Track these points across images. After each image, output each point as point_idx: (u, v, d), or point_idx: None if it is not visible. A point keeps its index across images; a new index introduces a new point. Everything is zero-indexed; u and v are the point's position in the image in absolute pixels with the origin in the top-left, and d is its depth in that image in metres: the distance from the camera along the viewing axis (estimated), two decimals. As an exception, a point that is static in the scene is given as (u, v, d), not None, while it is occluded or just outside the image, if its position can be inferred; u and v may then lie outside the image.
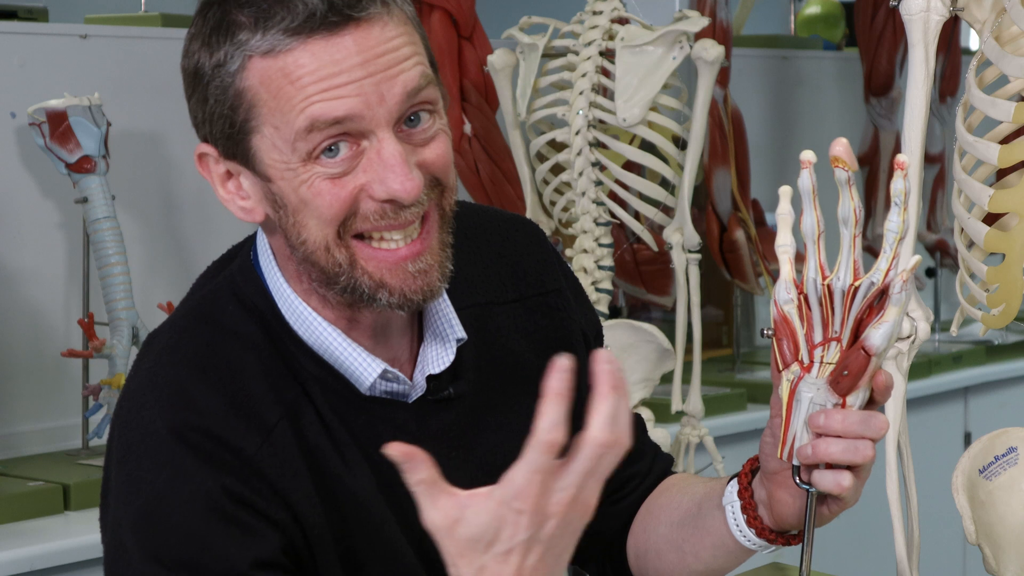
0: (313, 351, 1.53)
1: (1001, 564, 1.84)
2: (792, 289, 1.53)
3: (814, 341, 1.53)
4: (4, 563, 2.46)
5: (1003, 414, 4.20)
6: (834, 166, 1.49)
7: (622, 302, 3.73)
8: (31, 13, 3.09)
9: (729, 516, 1.66)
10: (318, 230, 1.47)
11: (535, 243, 1.73)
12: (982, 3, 1.97)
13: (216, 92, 1.47)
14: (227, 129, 1.48)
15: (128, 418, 1.51)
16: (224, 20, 1.46)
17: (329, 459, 1.51)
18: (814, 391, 1.52)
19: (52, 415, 3.01)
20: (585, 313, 1.75)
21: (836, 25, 4.85)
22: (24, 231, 2.98)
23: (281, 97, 1.44)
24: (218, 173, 1.52)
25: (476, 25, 3.23)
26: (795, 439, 1.53)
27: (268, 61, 1.44)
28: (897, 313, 1.49)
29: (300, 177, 1.46)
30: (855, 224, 1.51)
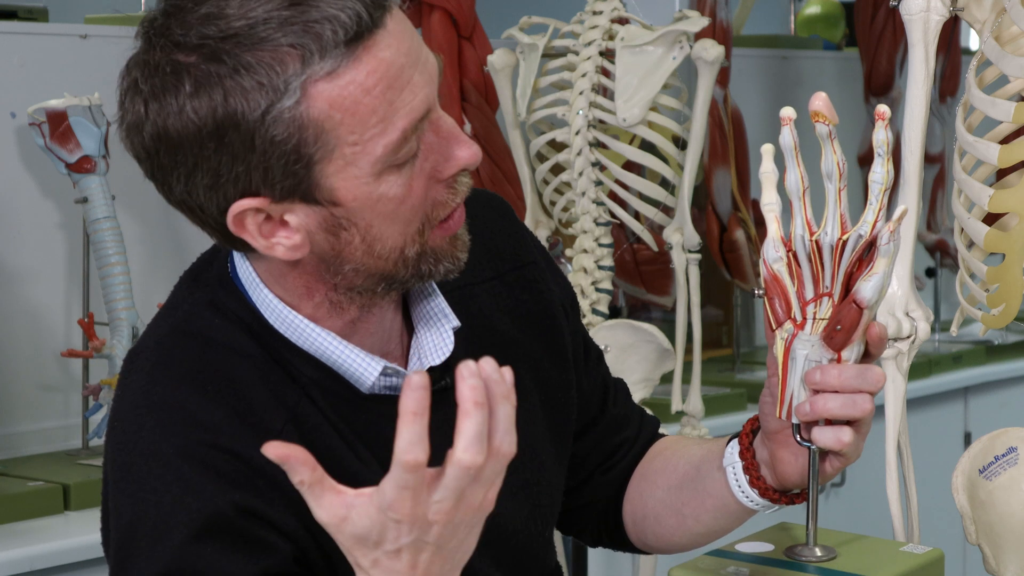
0: (309, 355, 1.51)
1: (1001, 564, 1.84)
2: (780, 247, 1.53)
3: (805, 298, 1.53)
4: (4, 563, 2.46)
5: (1003, 414, 4.20)
6: (814, 120, 1.50)
7: (622, 302, 3.73)
8: (31, 13, 3.09)
9: (731, 477, 1.65)
10: (398, 235, 1.45)
11: (504, 217, 1.72)
12: (982, 3, 1.97)
13: (272, 134, 1.38)
14: (291, 166, 1.40)
15: (125, 440, 1.48)
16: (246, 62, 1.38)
17: (343, 458, 1.50)
18: (809, 348, 1.52)
19: (52, 415, 3.01)
20: (559, 282, 1.74)
21: (836, 25, 4.85)
22: (24, 231, 2.98)
23: (360, 112, 1.39)
24: (256, 224, 1.44)
25: (476, 25, 3.23)
26: (792, 397, 1.53)
27: (333, 81, 1.38)
28: (886, 264, 1.48)
29: (378, 190, 1.42)
30: (839, 178, 1.51)
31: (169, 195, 1.47)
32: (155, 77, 1.41)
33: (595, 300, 2.94)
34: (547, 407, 1.67)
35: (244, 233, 1.44)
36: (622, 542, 1.82)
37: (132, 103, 1.43)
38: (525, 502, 1.63)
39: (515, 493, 1.61)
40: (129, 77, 1.44)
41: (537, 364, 1.66)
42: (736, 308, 3.93)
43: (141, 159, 1.46)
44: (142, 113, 1.42)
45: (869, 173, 1.50)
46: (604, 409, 1.79)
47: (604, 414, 1.79)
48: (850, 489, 3.73)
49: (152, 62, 1.41)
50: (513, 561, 1.63)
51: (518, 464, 1.57)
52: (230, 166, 1.41)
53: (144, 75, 1.42)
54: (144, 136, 1.43)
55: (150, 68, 1.41)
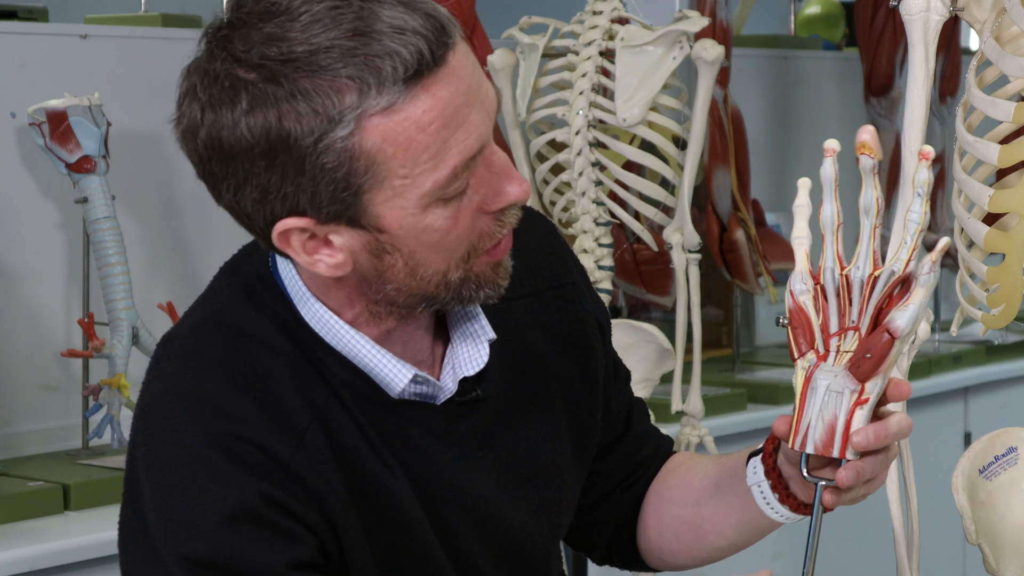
0: (341, 355, 1.52)
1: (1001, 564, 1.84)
2: (808, 279, 1.53)
3: (830, 331, 1.52)
4: (4, 563, 2.46)
5: (1003, 414, 4.20)
6: (859, 153, 1.49)
7: (622, 302, 3.73)
8: (31, 13, 3.09)
9: (758, 496, 1.65)
10: (441, 262, 1.46)
11: (547, 236, 1.72)
12: (982, 3, 1.97)
13: (323, 160, 1.40)
14: (339, 193, 1.41)
15: (153, 426, 1.49)
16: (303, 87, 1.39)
17: (366, 460, 1.51)
18: (831, 378, 1.50)
19: (52, 415, 3.01)
20: (596, 304, 1.75)
21: (836, 25, 4.85)
22: (24, 231, 2.98)
23: (414, 148, 1.40)
24: (300, 242, 1.46)
25: (476, 25, 3.23)
26: (809, 427, 1.52)
27: (389, 116, 1.39)
28: (924, 296, 1.48)
29: (424, 222, 1.43)
30: (876, 214, 1.50)
31: (219, 199, 1.48)
32: (213, 87, 1.41)
33: (595, 300, 2.94)
34: (573, 428, 1.66)
35: (288, 249, 1.46)
36: (632, 560, 1.83)
37: (189, 108, 1.44)
38: (546, 520, 1.64)
39: (537, 511, 1.62)
40: (188, 82, 1.44)
41: (567, 384, 1.66)
42: (736, 308, 3.93)
43: (194, 162, 1.47)
44: (198, 120, 1.43)
45: (907, 212, 1.49)
46: (628, 428, 1.79)
47: (628, 433, 1.79)
48: (850, 489, 3.72)
49: (212, 72, 1.42)
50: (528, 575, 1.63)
51: (541, 482, 1.58)
52: (279, 185, 1.42)
53: (203, 83, 1.42)
54: (198, 142, 1.44)
55: (210, 78, 1.42)
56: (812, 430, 1.51)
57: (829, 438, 1.51)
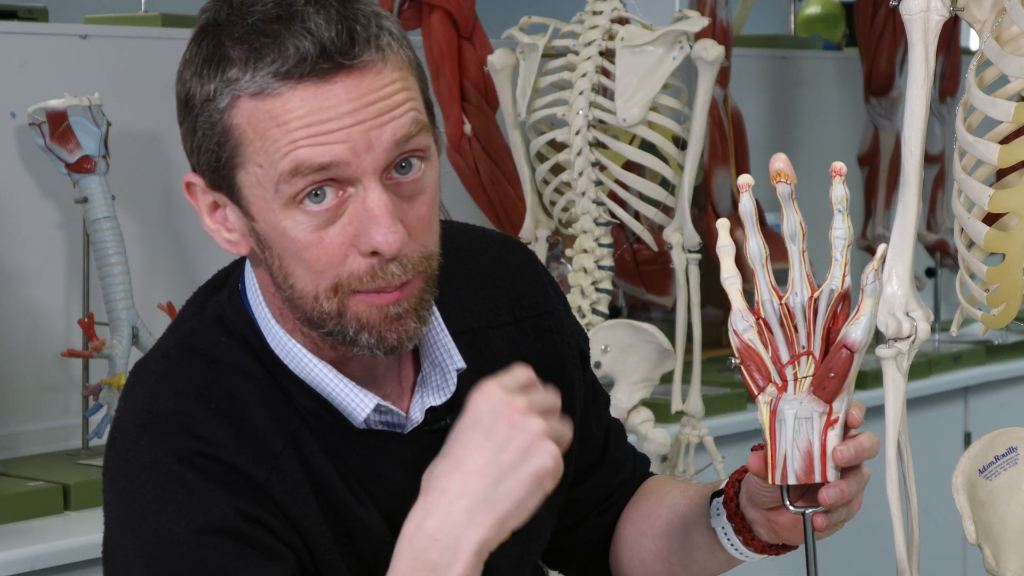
0: (306, 384, 1.51)
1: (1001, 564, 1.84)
2: (749, 316, 1.53)
3: (782, 361, 1.52)
4: (4, 563, 2.46)
5: (1003, 414, 4.20)
6: (775, 181, 1.49)
7: (622, 302, 3.73)
8: (31, 13, 3.09)
9: (722, 536, 1.66)
10: (308, 281, 1.45)
11: (526, 264, 1.71)
12: (982, 3, 1.97)
13: (204, 126, 1.45)
14: (213, 163, 1.46)
15: (125, 450, 1.49)
16: (216, 53, 1.44)
17: (337, 487, 1.50)
18: (796, 406, 1.50)
19: (52, 415, 3.01)
20: (575, 331, 1.74)
21: (836, 25, 4.85)
22: (24, 231, 2.98)
23: (267, 138, 1.42)
24: (205, 203, 1.50)
25: (476, 25, 3.23)
26: (786, 459, 1.51)
27: (256, 102, 1.42)
28: (872, 305, 1.48)
29: (284, 223, 1.43)
30: (802, 238, 1.51)
31: None
32: (192, 37, 1.49)
33: (595, 300, 2.94)
34: None
35: (193, 202, 1.51)
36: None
37: None
38: (515, 548, 1.63)
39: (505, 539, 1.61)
40: None
41: None
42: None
43: None
44: None
45: (831, 229, 1.50)
46: (605, 453, 1.79)
47: (605, 457, 1.79)
48: (850, 489, 3.73)
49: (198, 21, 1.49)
50: None
51: None
52: (185, 138, 1.49)
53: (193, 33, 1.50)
54: None
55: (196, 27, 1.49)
56: (790, 461, 1.51)
57: (808, 464, 1.51)
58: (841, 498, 1.52)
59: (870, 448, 1.53)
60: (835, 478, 1.51)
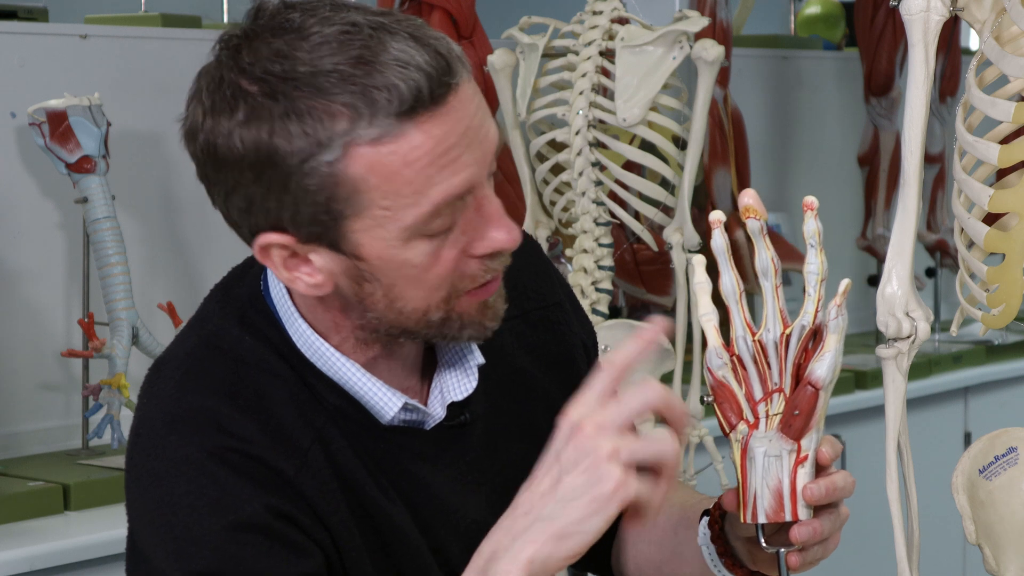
0: (333, 382, 1.52)
1: (1001, 564, 1.84)
2: (724, 353, 1.52)
3: (755, 398, 1.51)
4: (4, 563, 2.46)
5: (1003, 414, 4.20)
6: (744, 217, 1.49)
7: (622, 302, 3.73)
8: (31, 13, 3.09)
9: (707, 557, 1.66)
10: (421, 300, 1.45)
11: (533, 257, 1.72)
12: (982, 3, 1.97)
13: (307, 181, 1.40)
14: (320, 215, 1.41)
15: (152, 447, 1.49)
16: (299, 107, 1.39)
17: (364, 484, 1.51)
18: (766, 444, 1.49)
19: (52, 415, 3.01)
20: (583, 323, 1.75)
21: (836, 25, 4.85)
22: (24, 231, 2.98)
23: (397, 181, 1.39)
24: (282, 258, 1.46)
25: (476, 25, 3.23)
26: (756, 497, 1.50)
27: (378, 147, 1.38)
28: (837, 341, 1.47)
29: (403, 256, 1.42)
30: (775, 274, 1.50)
31: (213, 202, 1.49)
32: (216, 94, 1.42)
33: (595, 300, 2.94)
34: None
35: (268, 262, 1.46)
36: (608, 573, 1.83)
37: (193, 110, 1.45)
38: None
39: None
40: (197, 84, 1.45)
41: (553, 405, 1.66)
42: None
43: (195, 163, 1.48)
44: (199, 123, 1.43)
45: (804, 264, 1.49)
46: None
47: None
48: (850, 489, 3.73)
49: (218, 78, 1.42)
50: None
51: None
52: (263, 199, 1.42)
53: (208, 88, 1.43)
54: (197, 145, 1.45)
55: (215, 83, 1.42)
56: (760, 499, 1.50)
57: (778, 503, 1.50)
58: (814, 536, 1.51)
59: (843, 487, 1.52)
60: (807, 516, 1.50)
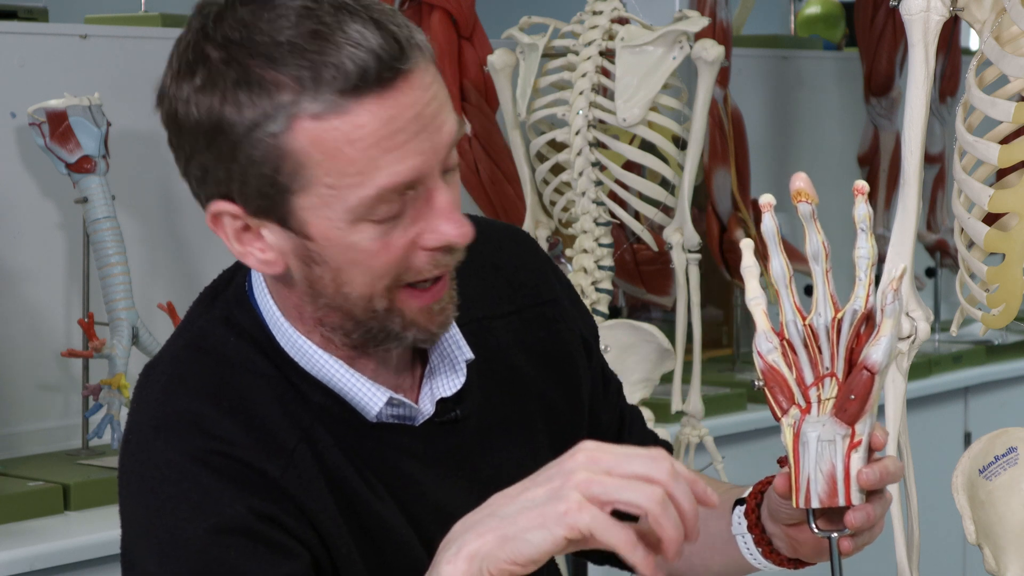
0: (318, 380, 1.52)
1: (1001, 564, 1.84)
2: (773, 337, 1.52)
3: (806, 382, 1.51)
4: (4, 563, 2.46)
5: (1003, 414, 4.20)
6: (796, 201, 1.48)
7: (622, 302, 3.73)
8: (31, 13, 3.09)
9: (742, 546, 1.65)
10: (366, 285, 1.45)
11: (529, 252, 1.71)
12: (982, 3, 1.97)
13: (253, 151, 1.40)
14: (266, 188, 1.41)
15: (139, 451, 1.49)
16: (250, 76, 1.39)
17: (352, 481, 1.51)
18: (819, 429, 1.48)
19: (52, 415, 3.01)
20: (583, 317, 1.74)
21: (836, 25, 4.85)
22: (24, 231, 2.98)
23: (339, 158, 1.39)
24: (234, 228, 1.46)
25: (476, 25, 3.23)
26: (810, 482, 1.49)
27: (321, 123, 1.38)
28: (892, 326, 1.47)
29: (350, 238, 1.42)
30: (825, 259, 1.50)
31: (180, 171, 1.50)
32: (182, 57, 1.43)
33: (595, 300, 2.94)
34: (555, 446, 1.66)
35: (220, 232, 1.46)
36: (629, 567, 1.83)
37: (164, 74, 1.46)
38: None
39: None
40: (173, 50, 1.46)
41: (549, 402, 1.66)
42: (736, 308, 3.93)
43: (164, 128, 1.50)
44: (166, 88, 1.45)
45: (854, 249, 1.49)
46: (620, 441, 1.78)
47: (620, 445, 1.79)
48: (850, 489, 3.72)
49: (186, 42, 1.44)
50: None
51: None
52: (214, 167, 1.43)
53: (178, 51, 1.44)
54: (163, 110, 1.46)
55: (183, 47, 1.44)
56: (813, 484, 1.49)
57: (832, 488, 1.49)
58: (868, 521, 1.50)
59: (895, 472, 1.51)
60: (860, 501, 1.49)
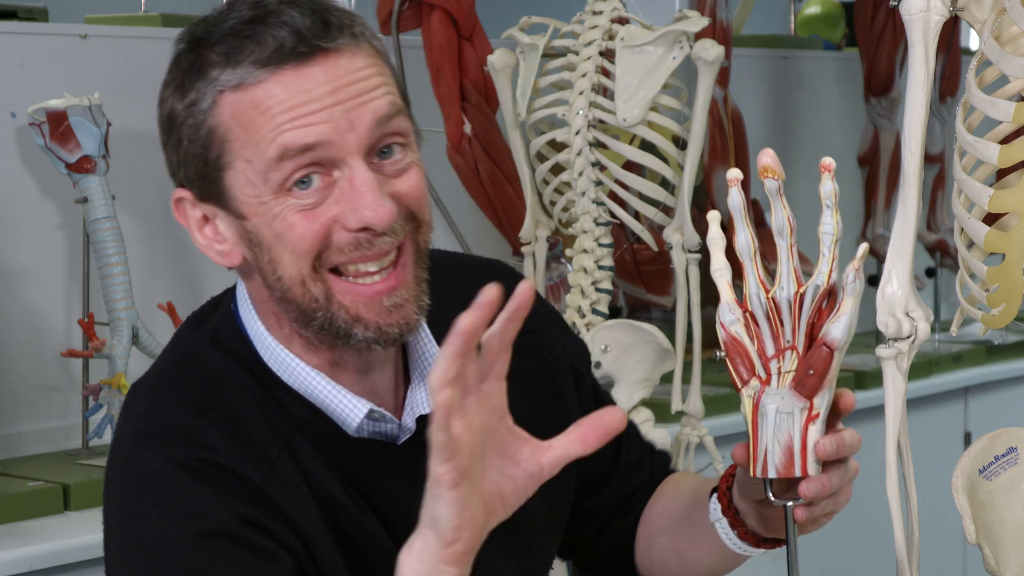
0: (300, 395, 1.53)
1: (1001, 564, 1.84)
2: (736, 309, 1.54)
3: (767, 354, 1.53)
4: (4, 563, 2.46)
5: (1003, 414, 4.20)
6: (763, 177, 1.50)
7: (622, 302, 3.73)
8: (31, 13, 3.09)
9: (721, 532, 1.68)
10: (292, 264, 1.47)
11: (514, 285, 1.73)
12: (982, 3, 1.97)
13: (189, 132, 1.47)
14: (201, 168, 1.48)
15: (124, 461, 1.51)
16: (197, 61, 1.46)
17: (335, 492, 1.52)
18: (778, 401, 1.51)
19: (52, 415, 3.01)
20: (574, 346, 1.76)
21: (836, 25, 4.85)
22: (24, 231, 2.98)
23: (252, 128, 1.44)
24: (195, 218, 1.52)
25: (476, 25, 3.23)
26: (767, 453, 1.52)
27: (239, 94, 1.44)
28: (853, 304, 1.49)
29: (273, 211, 1.46)
30: (790, 233, 1.52)
31: None
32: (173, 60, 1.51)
33: (595, 300, 2.94)
34: None
35: (182, 219, 1.53)
36: None
37: None
38: (515, 563, 1.64)
39: (506, 554, 1.62)
40: None
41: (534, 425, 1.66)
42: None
43: None
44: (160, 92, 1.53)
45: (819, 225, 1.51)
46: (618, 458, 1.79)
47: (619, 462, 1.80)
48: (850, 489, 3.73)
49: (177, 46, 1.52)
50: None
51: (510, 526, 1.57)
52: (172, 156, 1.51)
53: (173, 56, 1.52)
54: None
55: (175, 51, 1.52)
56: (770, 455, 1.52)
57: (788, 459, 1.52)
58: (822, 492, 1.53)
59: (852, 444, 1.55)
60: (816, 472, 1.53)
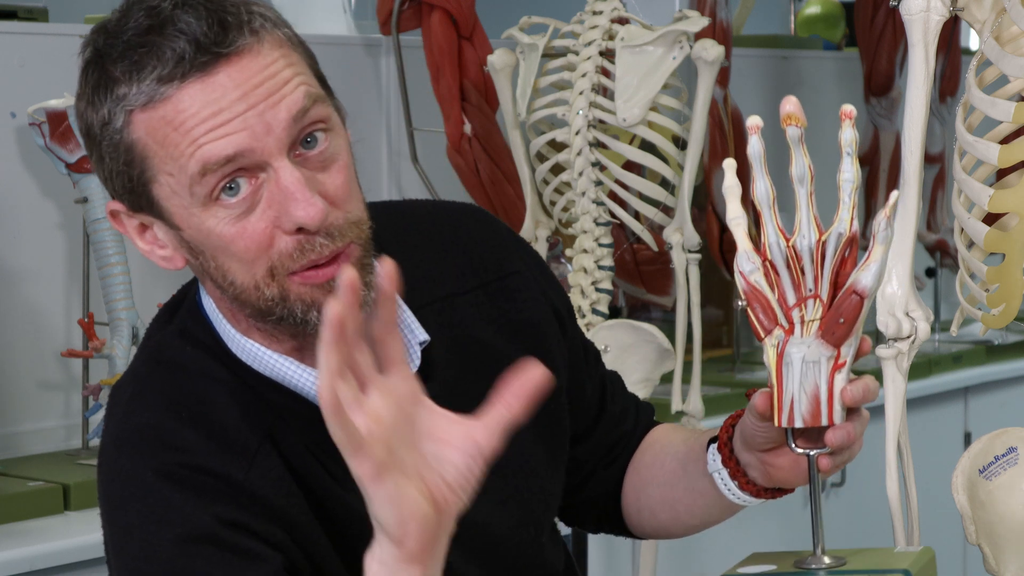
0: (273, 381, 1.53)
1: (1001, 564, 1.84)
2: (755, 257, 1.53)
3: (788, 303, 1.52)
4: (4, 563, 2.46)
5: (1003, 414, 4.20)
6: (785, 124, 1.49)
7: (622, 302, 3.73)
8: (31, 13, 3.09)
9: (719, 482, 1.67)
10: (244, 271, 1.46)
11: (487, 228, 1.72)
12: (982, 3, 1.97)
13: (109, 150, 1.46)
14: (127, 183, 1.47)
15: (107, 470, 1.51)
16: (102, 77, 1.46)
17: (318, 475, 1.51)
18: (804, 349, 1.50)
19: (52, 415, 3.01)
20: (553, 289, 1.74)
21: (836, 25, 4.84)
22: (24, 231, 2.98)
23: (169, 144, 1.43)
24: (132, 227, 1.51)
25: (476, 25, 3.23)
26: (793, 402, 1.52)
27: (149, 112, 1.43)
28: (883, 251, 1.48)
29: (207, 224, 1.44)
30: (811, 181, 1.51)
31: None
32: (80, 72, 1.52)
33: (595, 300, 2.94)
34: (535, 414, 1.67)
35: (121, 228, 1.51)
36: (622, 529, 1.84)
37: None
38: (515, 510, 1.64)
39: (505, 501, 1.62)
40: None
41: None
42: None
43: None
44: None
45: (839, 172, 1.50)
46: (603, 407, 1.79)
47: (604, 412, 1.79)
48: (850, 489, 3.73)
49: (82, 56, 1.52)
50: (503, 568, 1.63)
51: (507, 472, 1.57)
52: (98, 169, 1.50)
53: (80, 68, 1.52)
54: None
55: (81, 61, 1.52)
56: (797, 403, 1.51)
57: (815, 408, 1.51)
58: (847, 440, 1.54)
59: (874, 389, 1.55)
60: (841, 420, 1.52)
